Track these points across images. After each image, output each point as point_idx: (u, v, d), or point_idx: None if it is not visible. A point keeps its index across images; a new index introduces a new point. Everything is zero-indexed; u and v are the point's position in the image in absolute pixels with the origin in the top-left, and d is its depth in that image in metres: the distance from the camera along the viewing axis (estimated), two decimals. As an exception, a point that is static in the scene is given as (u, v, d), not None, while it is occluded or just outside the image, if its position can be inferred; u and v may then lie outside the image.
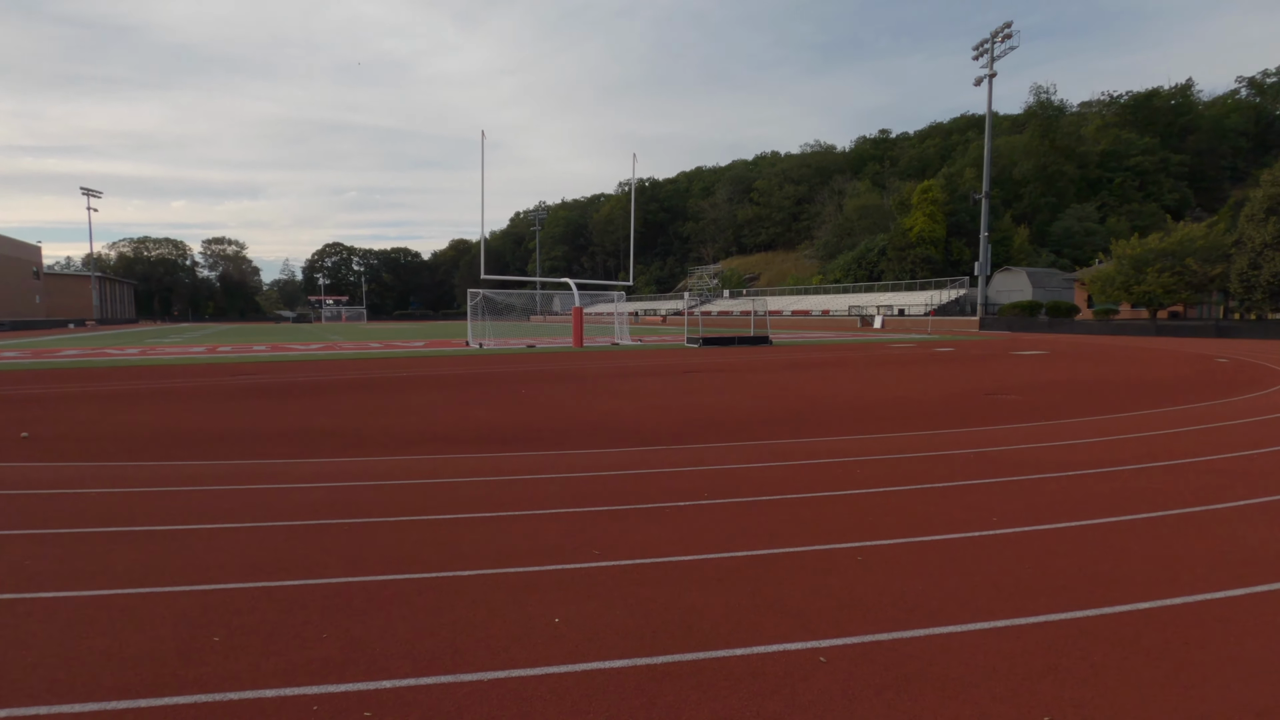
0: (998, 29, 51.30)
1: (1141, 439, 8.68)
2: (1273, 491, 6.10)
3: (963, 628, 3.48)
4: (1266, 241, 37.78)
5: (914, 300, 66.74)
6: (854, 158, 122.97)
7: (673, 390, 14.43)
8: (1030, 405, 11.81)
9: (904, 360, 22.58)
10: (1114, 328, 44.13)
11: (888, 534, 4.96)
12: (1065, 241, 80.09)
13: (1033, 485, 6.38)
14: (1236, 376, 16.53)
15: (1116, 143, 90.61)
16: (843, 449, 8.11)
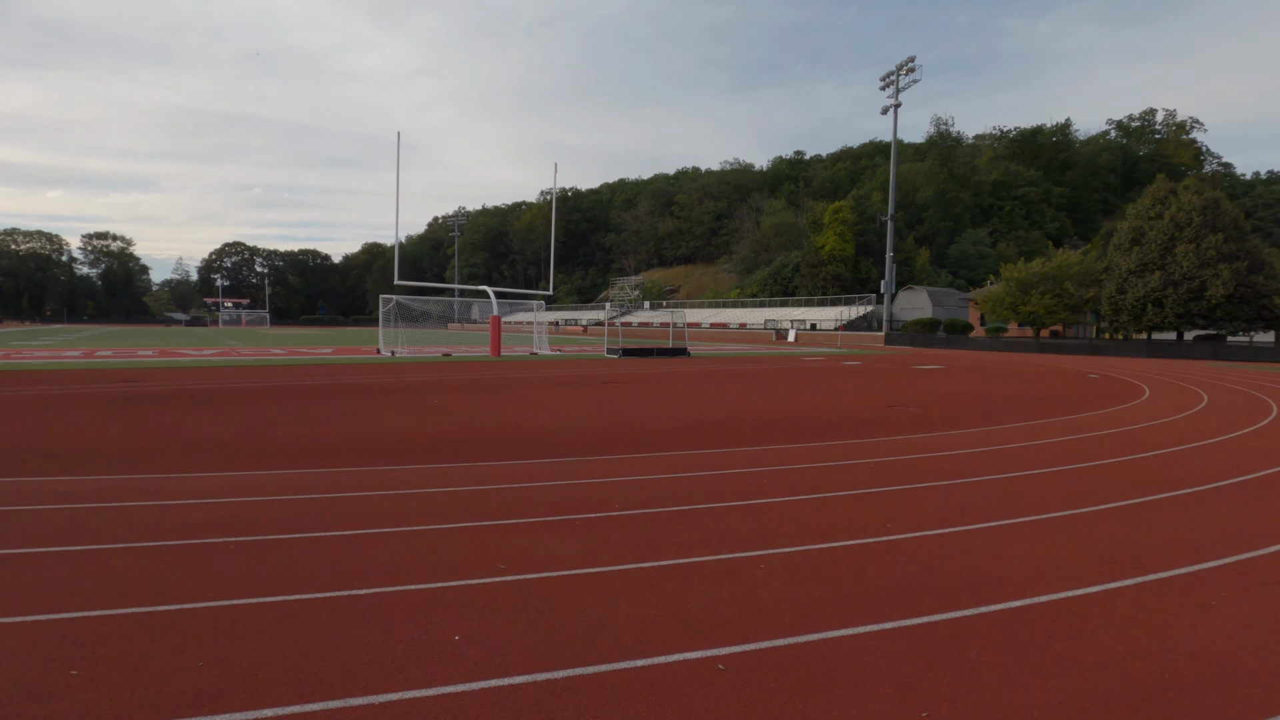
0: (902, 62, 54.55)
1: (1022, 448, 9.37)
2: (1129, 495, 6.72)
3: (855, 631, 3.63)
4: (1130, 269, 41.79)
5: (825, 315, 69.56)
6: (771, 177, 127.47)
7: (590, 401, 14.41)
8: (927, 417, 12.52)
9: (814, 373, 23.48)
10: (1003, 344, 47.54)
11: (790, 542, 5.13)
12: (961, 263, 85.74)
13: (925, 493, 6.76)
14: (1105, 390, 18.15)
15: (1006, 174, 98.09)
16: (752, 459, 8.33)
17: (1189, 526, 5.70)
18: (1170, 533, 5.51)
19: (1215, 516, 6.04)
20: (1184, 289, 38.92)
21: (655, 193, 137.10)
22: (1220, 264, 37.99)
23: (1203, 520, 5.91)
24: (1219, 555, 4.97)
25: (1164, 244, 40.40)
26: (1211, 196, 40.69)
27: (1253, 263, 38.65)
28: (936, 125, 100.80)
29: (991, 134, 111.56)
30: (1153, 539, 5.34)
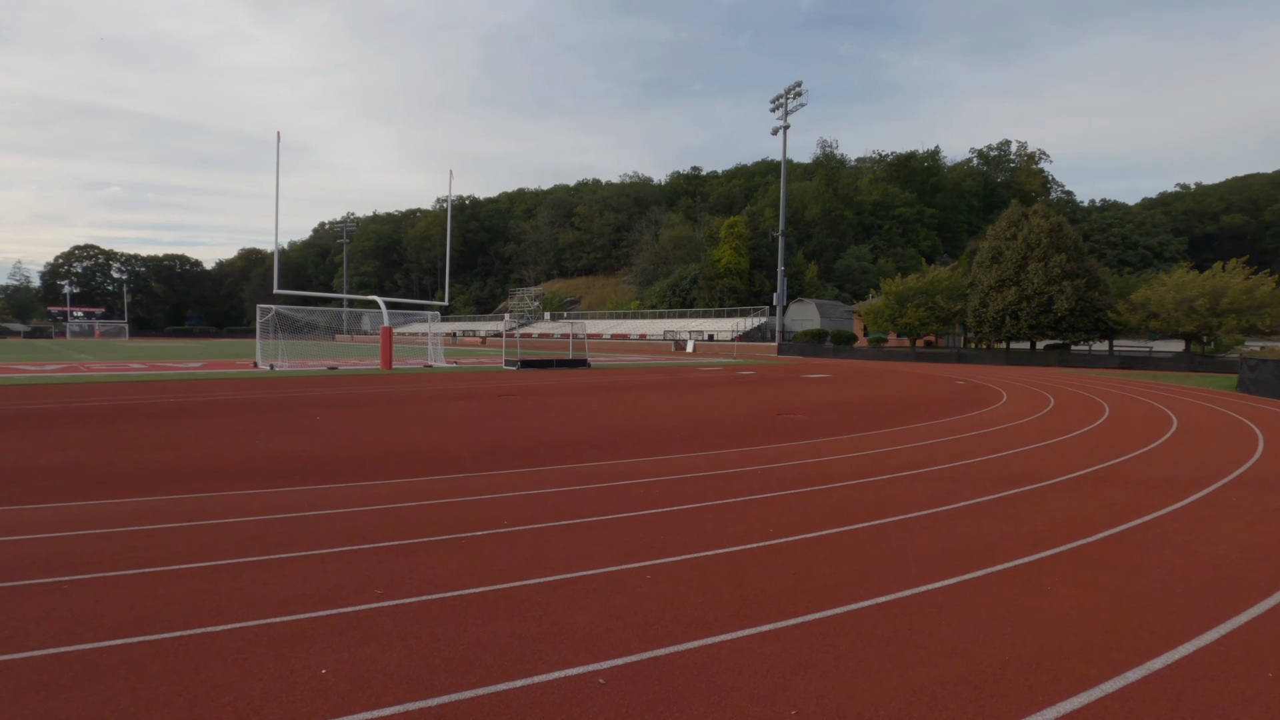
0: (790, 87, 57.48)
1: (895, 451, 10.03)
2: (985, 493, 7.34)
3: (733, 636, 3.74)
4: (991, 284, 45.88)
5: (722, 327, 71.68)
6: (669, 191, 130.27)
7: (484, 414, 14.07)
8: (813, 424, 13.15)
9: (711, 383, 24.10)
10: (884, 354, 50.82)
11: (677, 551, 5.21)
12: (847, 277, 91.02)
13: (807, 497, 7.08)
14: (970, 396, 19.78)
15: (885, 195, 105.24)
16: (645, 470, 8.43)
17: (1033, 519, 6.30)
18: (1017, 525, 6.07)
19: (1054, 509, 6.70)
20: (1035, 303, 43.15)
21: (555, 203, 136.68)
22: (1064, 281, 42.45)
23: (1045, 513, 6.54)
24: (1056, 544, 5.51)
25: (1018, 262, 44.65)
26: (1056, 220, 45.43)
27: (1090, 280, 43.44)
28: (822, 147, 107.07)
29: (872, 157, 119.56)
30: (1002, 531, 5.85)
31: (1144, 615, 4.10)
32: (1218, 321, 37.50)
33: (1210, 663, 3.51)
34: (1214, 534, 5.87)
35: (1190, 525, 6.14)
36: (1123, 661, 3.51)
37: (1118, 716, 2.99)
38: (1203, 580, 4.72)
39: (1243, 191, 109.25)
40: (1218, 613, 4.14)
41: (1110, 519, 6.29)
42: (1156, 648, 3.67)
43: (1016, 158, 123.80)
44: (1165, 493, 7.42)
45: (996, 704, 3.08)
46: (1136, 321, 40.89)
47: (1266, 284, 37.15)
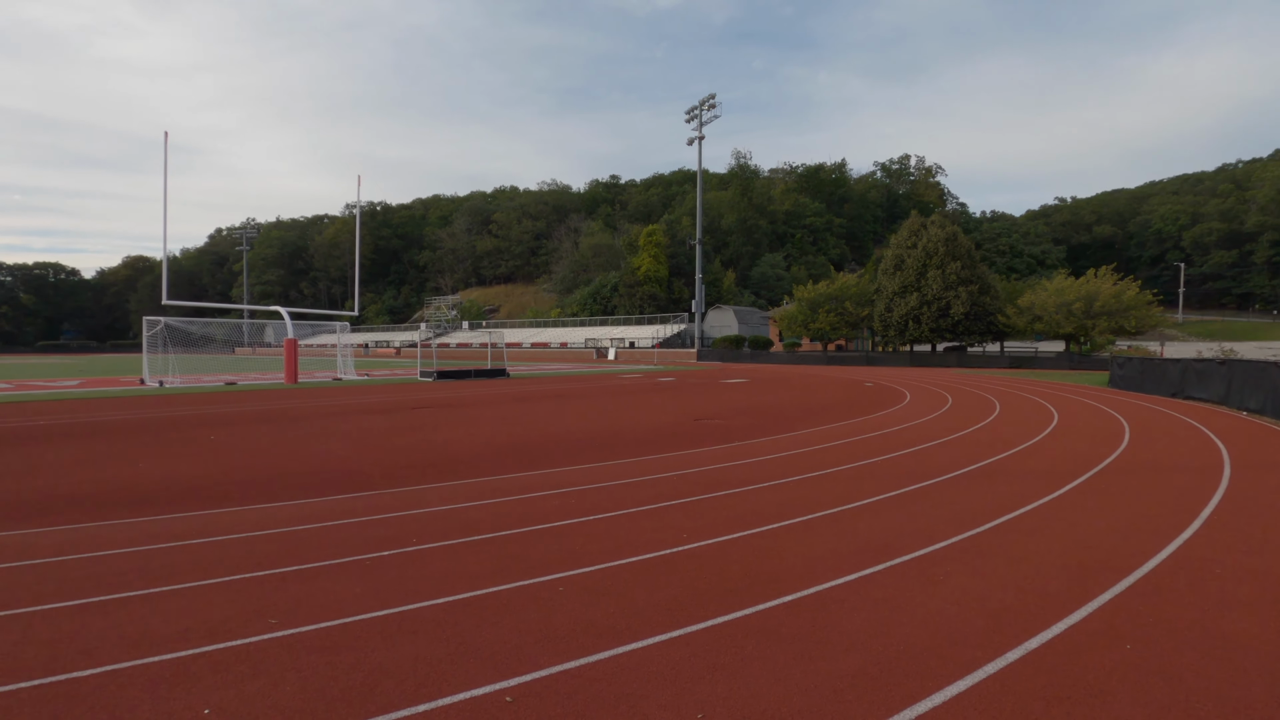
0: (705, 99, 58.82)
1: (806, 453, 10.39)
2: (886, 490, 7.71)
3: (643, 643, 3.76)
4: (895, 290, 48.41)
5: (643, 334, 72.26)
6: (588, 199, 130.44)
7: (397, 428, 13.59)
8: (729, 428, 13.43)
9: (631, 390, 24.23)
10: (798, 358, 52.60)
11: (591, 561, 5.20)
12: (762, 284, 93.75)
13: (721, 501, 7.22)
14: (877, 397, 20.76)
15: (796, 205, 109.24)
16: (562, 480, 8.36)
17: (929, 513, 6.67)
18: (914, 520, 6.40)
19: (948, 503, 7.12)
20: (934, 308, 45.85)
21: (472, 210, 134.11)
22: (960, 287, 45.33)
23: (939, 507, 6.94)
24: (949, 536, 5.85)
25: (918, 270, 47.34)
26: (951, 230, 48.48)
27: (982, 286, 46.58)
28: (737, 158, 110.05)
29: (784, 169, 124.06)
30: (901, 527, 6.16)
31: (1024, 599, 4.41)
32: (1092, 323, 40.98)
33: (1079, 640, 3.81)
34: (1085, 520, 6.39)
35: (1066, 513, 6.67)
36: (1004, 644, 3.76)
37: (998, 696, 3.21)
38: (1075, 563, 5.13)
39: (1110, 205, 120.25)
40: (1085, 593, 4.51)
41: (997, 510, 6.74)
42: (1034, 629, 3.96)
43: (916, 171, 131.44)
44: (1045, 483, 8.03)
45: (890, 693, 3.23)
46: (1023, 324, 44.13)
47: (1131, 289, 40.95)
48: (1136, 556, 5.28)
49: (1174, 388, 20.57)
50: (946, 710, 3.08)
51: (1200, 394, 18.95)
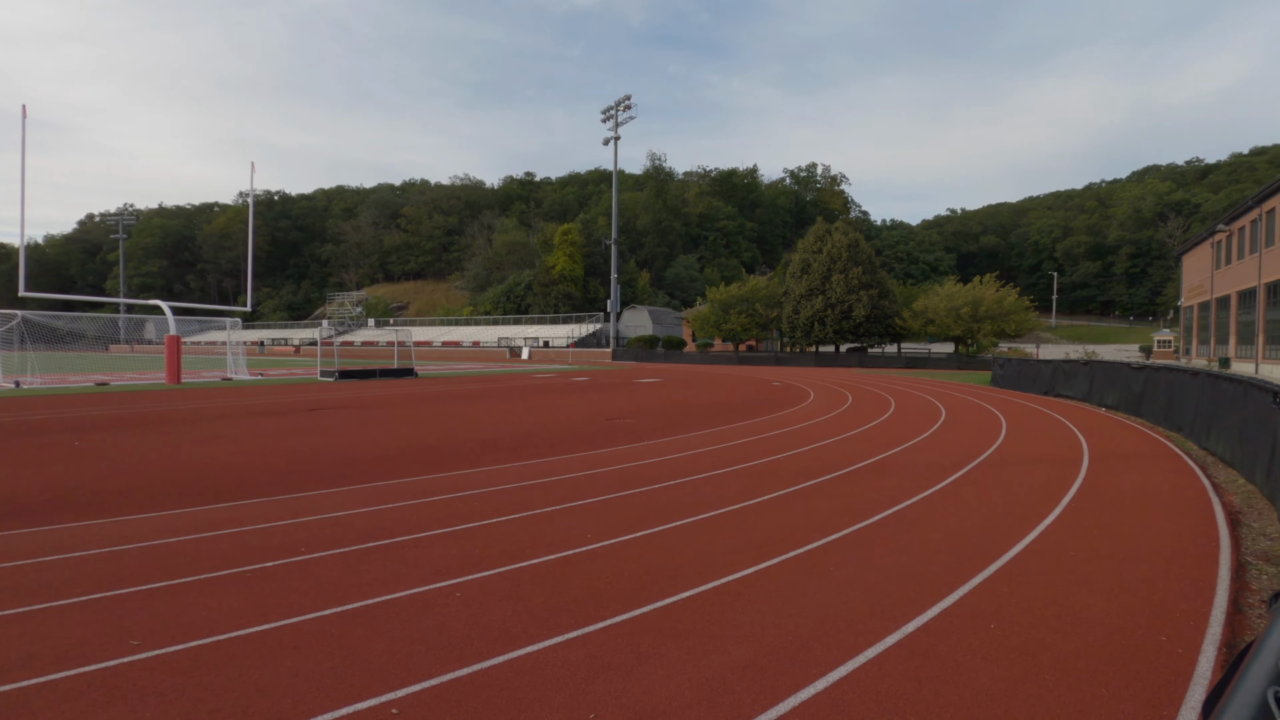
0: (620, 99, 59.06)
1: (714, 451, 10.63)
2: (786, 485, 8.00)
3: (539, 646, 3.73)
4: (802, 293, 50.35)
5: (558, 333, 71.74)
6: (502, 195, 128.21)
7: (292, 431, 12.87)
8: (640, 428, 13.55)
9: (544, 389, 24.00)
10: (710, 358, 53.73)
11: (491, 565, 5.10)
12: (676, 285, 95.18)
13: (627, 500, 7.27)
14: (783, 396, 21.51)
15: (709, 208, 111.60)
16: (467, 482, 8.17)
17: (824, 507, 6.97)
18: (809, 514, 6.68)
19: (841, 497, 7.47)
20: (838, 310, 48.03)
21: (380, 203, 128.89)
22: (861, 291, 47.70)
23: (834, 500, 7.27)
24: (841, 528, 6.14)
25: (824, 274, 49.45)
26: (854, 237, 50.93)
27: (882, 290, 49.21)
28: (652, 160, 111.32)
29: (698, 172, 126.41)
30: (797, 521, 6.41)
31: (904, 586, 4.69)
32: (977, 326, 44.11)
33: (949, 622, 4.09)
34: (963, 510, 6.87)
35: (946, 504, 7.14)
36: (884, 629, 3.98)
37: (876, 679, 3.39)
38: (951, 551, 5.50)
39: (995, 217, 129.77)
40: (958, 578, 4.85)
41: (885, 503, 7.14)
42: (912, 614, 4.21)
43: (822, 179, 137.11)
44: (930, 476, 8.57)
45: (776, 681, 3.35)
46: (918, 327, 46.93)
47: (1011, 295, 44.40)
48: (1004, 543, 5.72)
49: (1046, 386, 22.46)
50: (828, 695, 3.23)
51: (1067, 392, 20.78)
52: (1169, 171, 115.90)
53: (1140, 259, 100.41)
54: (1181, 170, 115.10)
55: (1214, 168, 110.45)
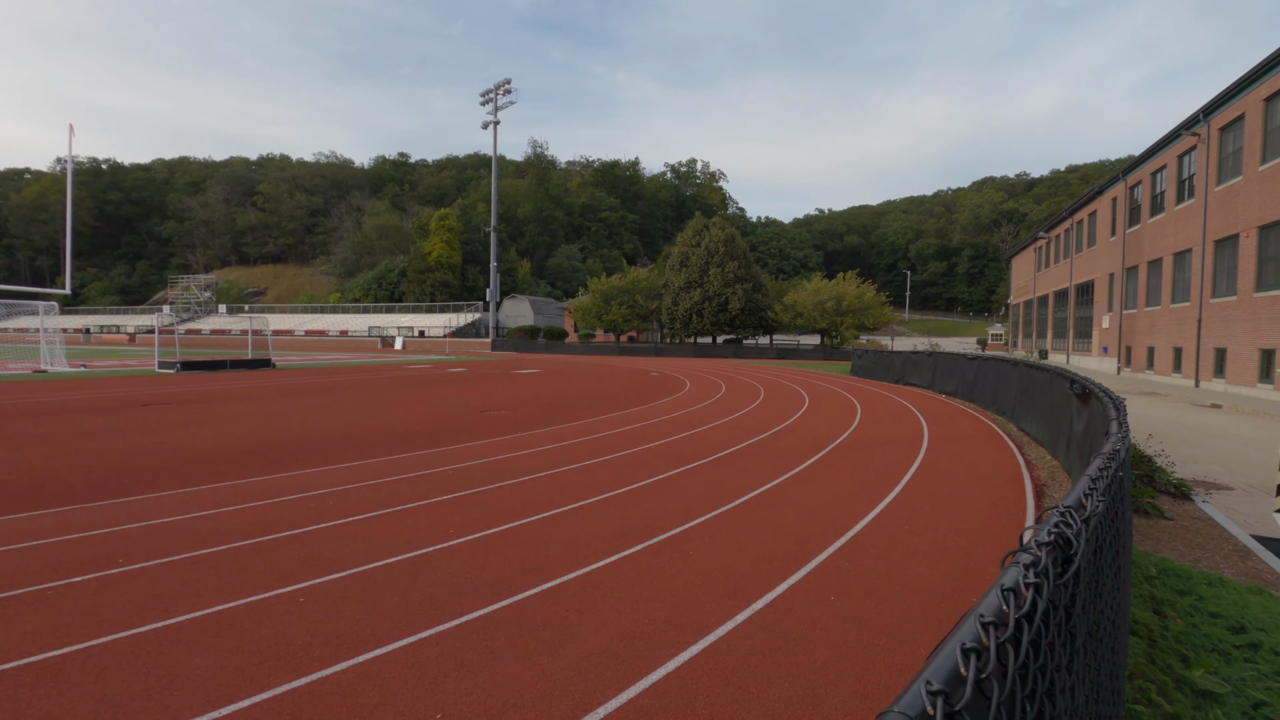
0: (500, 83, 57.48)
1: (588, 441, 10.65)
2: (656, 473, 8.18)
3: (389, 648, 3.57)
4: (681, 286, 51.60)
5: (434, 322, 69.05)
6: (373, 176, 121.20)
7: (120, 428, 11.49)
8: (516, 419, 13.32)
9: (417, 381, 23.01)
10: (592, 348, 53.85)
11: (343, 566, 4.82)
12: (558, 275, 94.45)
13: (495, 493, 7.12)
14: (661, 386, 21.96)
15: (592, 199, 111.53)
16: (322, 480, 7.67)
17: (689, 493, 7.19)
18: (676, 500, 6.86)
19: (707, 482, 7.74)
20: (715, 303, 49.68)
21: (232, 178, 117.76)
22: (737, 284, 49.60)
23: (699, 486, 7.52)
24: (704, 513, 6.36)
25: (702, 267, 50.92)
26: (730, 232, 52.80)
27: (756, 285, 51.43)
28: (534, 147, 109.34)
29: (580, 162, 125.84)
30: (664, 507, 6.57)
31: (758, 566, 4.93)
32: (840, 320, 47.24)
33: (795, 597, 4.35)
34: (817, 491, 7.34)
35: (802, 486, 7.59)
36: (736, 607, 4.16)
37: (725, 655, 3.54)
38: (803, 530, 5.85)
39: (858, 218, 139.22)
40: (807, 555, 5.17)
41: (747, 486, 7.47)
42: (762, 591, 4.44)
43: (702, 175, 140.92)
44: (790, 460, 9.07)
45: (630, 665, 3.42)
46: (788, 319, 49.54)
47: (870, 291, 47.91)
48: (850, 520, 6.17)
49: (897, 375, 24.47)
50: (678, 675, 3.34)
51: (915, 380, 22.75)
52: (1002, 183, 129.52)
53: (979, 260, 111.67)
54: (1012, 182, 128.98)
55: (1038, 181, 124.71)
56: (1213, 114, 22.24)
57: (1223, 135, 21.91)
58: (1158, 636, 3.36)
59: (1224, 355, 21.17)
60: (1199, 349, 22.55)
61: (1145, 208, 28.10)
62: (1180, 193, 24.97)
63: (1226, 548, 5.73)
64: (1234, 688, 2.92)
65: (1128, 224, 29.92)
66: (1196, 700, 2.83)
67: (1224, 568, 5.19)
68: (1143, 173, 28.34)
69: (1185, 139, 24.20)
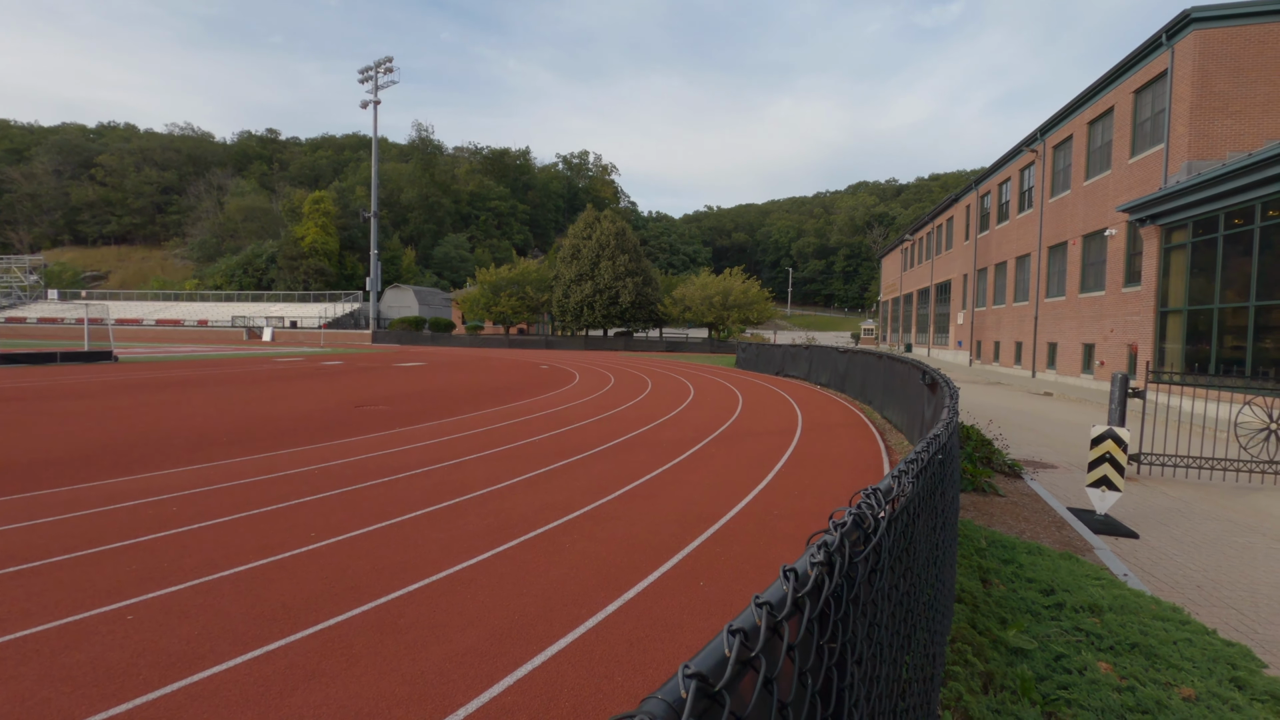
0: (380, 60, 54.59)
1: (469, 436, 10.37)
2: (538, 467, 8.09)
3: (228, 664, 3.30)
4: (572, 278, 51.38)
5: (308, 312, 64.71)
6: (238, 152, 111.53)
7: (-90, 432, 9.90)
8: (394, 414, 12.74)
9: (286, 375, 21.48)
10: (481, 341, 52.51)
11: (183, 578, 4.41)
12: (445, 265, 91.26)
13: (361, 493, 6.77)
14: (550, 378, 21.76)
15: (481, 187, 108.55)
16: (166, 484, 6.98)
17: (569, 486, 7.17)
18: (556, 494, 6.82)
19: (588, 475, 7.75)
20: (606, 296, 49.88)
21: (65, 147, 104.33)
22: (627, 278, 50.04)
23: (580, 479, 7.51)
24: (582, 505, 6.36)
25: (593, 260, 50.94)
26: (621, 225, 53.15)
27: (646, 278, 52.11)
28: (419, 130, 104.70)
29: (469, 149, 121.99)
30: (543, 501, 6.51)
31: (632, 556, 4.99)
32: (727, 314, 48.83)
33: (666, 584, 4.44)
34: (696, 480, 7.53)
35: (682, 476, 7.77)
36: (608, 598, 4.19)
37: (593, 646, 3.55)
38: (678, 519, 5.99)
39: (744, 216, 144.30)
40: (680, 543, 5.30)
41: (628, 478, 7.55)
42: (635, 580, 4.50)
43: (594, 167, 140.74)
44: (671, 451, 9.26)
45: (495, 664, 3.35)
46: (677, 313, 50.58)
47: (755, 287, 49.85)
48: (724, 508, 6.39)
49: (778, 367, 25.63)
50: (544, 669, 3.31)
51: (794, 372, 23.93)
52: (874, 187, 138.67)
53: (854, 259, 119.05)
54: (883, 187, 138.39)
55: (905, 187, 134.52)
56: (1048, 133, 24.89)
57: (1055, 153, 24.59)
58: (980, 603, 3.72)
59: (1055, 349, 23.82)
60: (1035, 343, 25.25)
61: (993, 215, 31.03)
62: (1022, 203, 27.78)
63: (1046, 520, 6.45)
64: (1040, 644, 3.28)
65: (979, 229, 32.93)
66: (1009, 657, 3.16)
67: (1043, 537, 5.83)
68: (991, 183, 31.27)
69: (1026, 155, 26.94)
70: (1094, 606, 3.74)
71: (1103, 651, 3.22)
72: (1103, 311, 20.35)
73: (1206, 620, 4.15)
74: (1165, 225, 16.08)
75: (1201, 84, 16.48)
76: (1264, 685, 2.95)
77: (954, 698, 2.66)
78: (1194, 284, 15.15)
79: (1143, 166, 18.61)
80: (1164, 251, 16.25)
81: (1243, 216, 13.65)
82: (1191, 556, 5.54)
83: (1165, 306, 16.17)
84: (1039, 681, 2.96)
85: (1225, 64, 16.39)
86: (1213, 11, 16.37)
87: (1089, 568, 4.70)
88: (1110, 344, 19.73)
